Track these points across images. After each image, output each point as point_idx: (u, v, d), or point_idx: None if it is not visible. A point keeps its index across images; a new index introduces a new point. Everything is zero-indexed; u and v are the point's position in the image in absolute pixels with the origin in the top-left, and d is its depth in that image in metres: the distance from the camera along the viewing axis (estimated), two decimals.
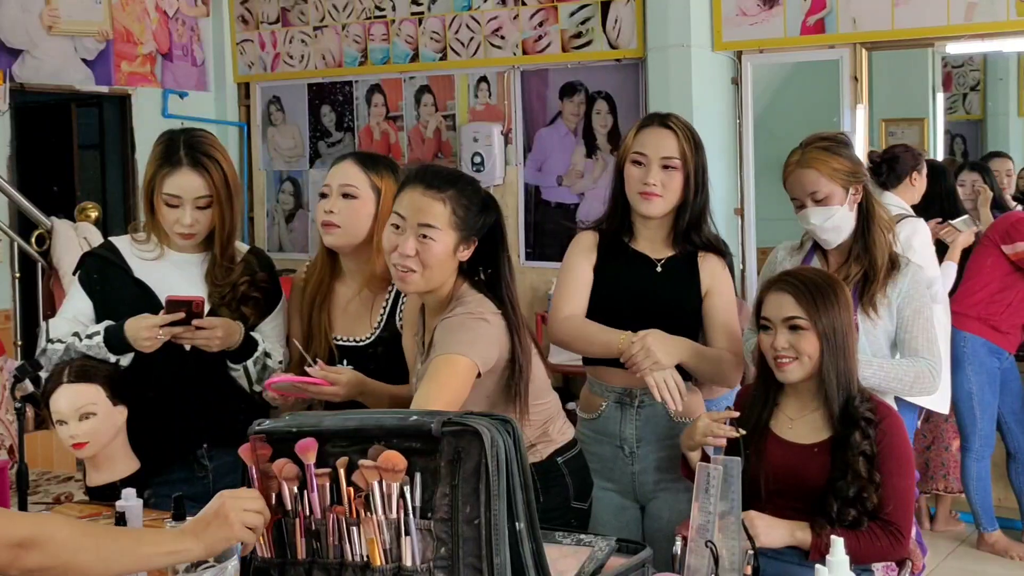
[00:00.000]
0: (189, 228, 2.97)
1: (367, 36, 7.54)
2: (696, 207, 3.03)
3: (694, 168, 3.00)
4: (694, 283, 3.04)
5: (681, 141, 3.00)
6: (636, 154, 3.02)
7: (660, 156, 2.99)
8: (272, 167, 8.06)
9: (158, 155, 2.99)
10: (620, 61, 6.68)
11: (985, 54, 7.35)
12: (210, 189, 2.96)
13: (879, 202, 3.27)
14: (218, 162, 2.98)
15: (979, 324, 5.07)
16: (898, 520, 2.67)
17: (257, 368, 3.02)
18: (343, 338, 3.05)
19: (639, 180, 3.00)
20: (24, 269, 6.31)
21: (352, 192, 2.95)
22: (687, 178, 3.00)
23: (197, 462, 3.05)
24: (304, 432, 1.97)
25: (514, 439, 1.88)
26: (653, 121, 3.06)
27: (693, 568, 2.30)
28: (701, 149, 3.04)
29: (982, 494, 5.21)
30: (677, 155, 2.99)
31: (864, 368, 2.96)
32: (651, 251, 3.08)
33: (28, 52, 6.88)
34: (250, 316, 3.04)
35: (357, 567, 1.91)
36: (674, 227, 3.05)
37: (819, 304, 2.73)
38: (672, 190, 3.00)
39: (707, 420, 2.72)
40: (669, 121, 3.04)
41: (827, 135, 3.22)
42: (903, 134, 7.31)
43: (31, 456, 3.91)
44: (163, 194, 2.96)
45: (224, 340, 2.93)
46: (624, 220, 3.10)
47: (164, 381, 3.00)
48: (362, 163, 3.01)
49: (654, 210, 3.01)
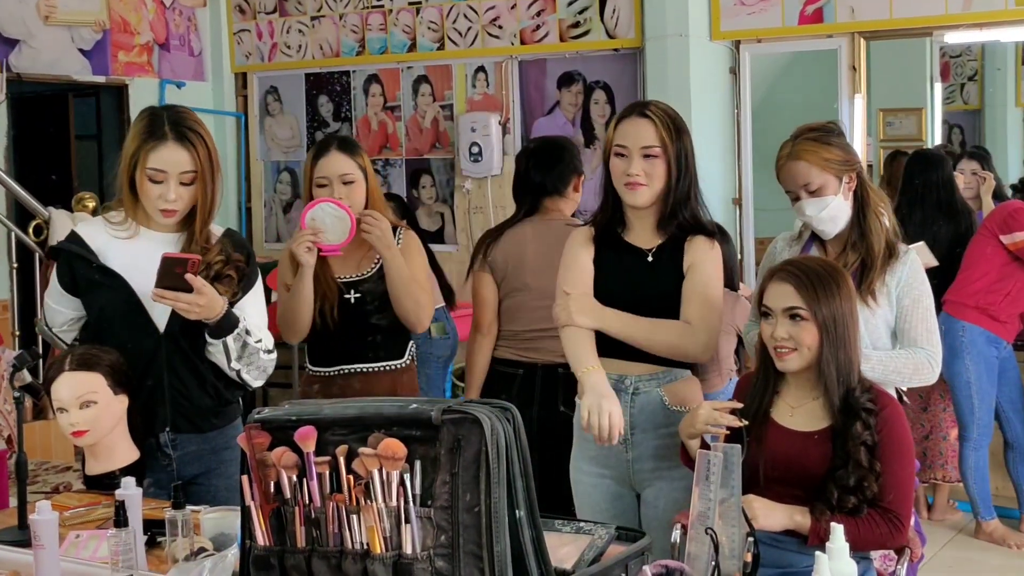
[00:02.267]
0: (172, 204, 2.94)
1: (364, 26, 7.53)
2: (680, 191, 3.03)
3: (675, 154, 3.00)
4: (680, 268, 3.05)
5: (659, 129, 2.99)
6: (617, 146, 3.04)
7: (640, 146, 3.00)
8: (269, 157, 8.05)
9: (141, 130, 2.97)
10: (618, 51, 6.67)
11: (983, 44, 7.36)
12: (195, 164, 2.94)
13: (874, 188, 3.26)
14: (203, 138, 2.97)
15: (977, 313, 5.07)
16: (898, 508, 2.67)
17: (237, 345, 2.99)
18: (346, 276, 3.58)
19: (623, 172, 3.02)
20: (22, 259, 6.30)
21: (350, 178, 3.53)
22: (669, 164, 3.00)
23: (160, 450, 3.03)
24: (303, 420, 1.96)
25: (514, 426, 1.88)
26: (632, 111, 3.06)
27: (693, 555, 2.30)
28: (683, 133, 3.03)
29: (980, 483, 5.21)
30: (657, 143, 2.99)
31: (863, 362, 2.96)
32: (643, 241, 3.09)
33: (25, 42, 6.87)
34: (224, 294, 2.99)
35: (357, 555, 1.91)
36: (661, 213, 3.06)
37: (820, 294, 2.72)
38: (656, 178, 3.00)
39: (708, 408, 2.72)
40: (647, 110, 3.04)
41: (817, 125, 3.21)
42: (901, 124, 7.31)
43: (29, 446, 3.92)
44: (147, 169, 2.93)
45: (205, 309, 2.89)
46: (616, 212, 3.11)
47: (143, 364, 2.99)
48: (347, 150, 3.56)
49: (640, 200, 3.02)
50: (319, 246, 3.42)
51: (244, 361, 3.02)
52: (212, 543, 2.41)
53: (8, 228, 6.26)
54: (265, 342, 3.07)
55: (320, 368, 3.64)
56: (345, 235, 3.43)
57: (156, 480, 2.96)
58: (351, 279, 3.59)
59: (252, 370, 3.05)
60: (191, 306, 2.87)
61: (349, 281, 3.58)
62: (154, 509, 2.60)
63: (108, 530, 2.33)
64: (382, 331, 3.61)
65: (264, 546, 2.00)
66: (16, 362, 2.92)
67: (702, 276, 3.03)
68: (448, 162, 7.25)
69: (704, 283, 3.03)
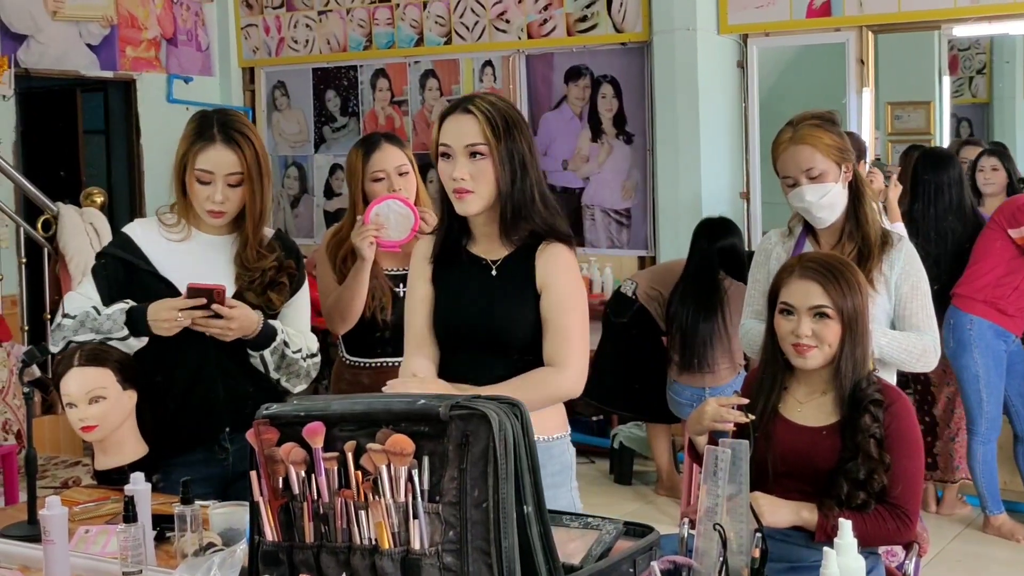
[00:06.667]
0: (220, 205, 2.97)
1: (372, 20, 7.53)
2: (518, 196, 2.61)
3: (506, 153, 2.58)
4: (529, 285, 2.64)
5: (482, 125, 2.58)
6: (442, 146, 2.64)
7: (463, 145, 2.59)
8: (277, 152, 8.06)
9: (191, 132, 3.00)
10: (625, 45, 6.67)
11: (992, 37, 7.33)
12: (242, 166, 2.96)
13: (864, 179, 3.29)
14: (251, 140, 2.99)
15: (985, 307, 5.07)
16: (905, 504, 2.67)
17: (275, 358, 3.03)
18: (395, 269, 3.60)
19: (448, 176, 2.62)
20: (30, 254, 6.31)
21: (404, 169, 3.62)
22: (497, 165, 2.59)
23: (219, 444, 3.06)
24: (312, 416, 1.97)
25: (522, 422, 1.88)
26: (456, 107, 2.65)
27: (701, 551, 2.30)
28: (514, 129, 2.60)
29: (988, 477, 5.21)
30: (482, 140, 2.58)
31: (880, 337, 2.98)
32: (488, 252, 2.69)
33: (33, 37, 6.88)
34: (276, 302, 3.05)
35: (365, 551, 1.92)
36: (501, 222, 2.64)
37: (845, 292, 2.72)
38: (484, 182, 2.59)
39: (715, 405, 2.72)
40: (471, 104, 2.63)
41: (816, 113, 3.22)
42: (909, 117, 7.29)
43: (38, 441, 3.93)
44: (195, 170, 2.96)
45: (240, 331, 2.94)
46: (457, 220, 2.70)
47: (192, 362, 3.01)
48: (396, 143, 3.66)
49: (469, 208, 2.61)
50: (379, 241, 3.46)
51: (283, 371, 3.06)
52: (221, 538, 2.41)
53: (17, 223, 6.26)
54: (306, 348, 3.11)
55: (360, 359, 3.66)
56: (407, 232, 3.47)
57: (210, 475, 2.98)
58: (399, 272, 3.58)
59: (292, 378, 3.09)
60: (224, 331, 2.92)
61: (398, 275, 3.58)
62: (163, 504, 2.60)
63: (117, 525, 2.34)
64: None
65: (273, 541, 2.01)
66: (25, 357, 2.93)
67: (557, 297, 2.62)
68: None
69: (560, 308, 2.62)
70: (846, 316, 2.72)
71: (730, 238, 5.62)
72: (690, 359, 5.51)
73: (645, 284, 5.82)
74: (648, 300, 5.76)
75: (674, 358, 5.61)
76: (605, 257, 6.77)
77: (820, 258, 2.87)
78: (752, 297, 3.34)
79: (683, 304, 5.54)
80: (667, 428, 5.95)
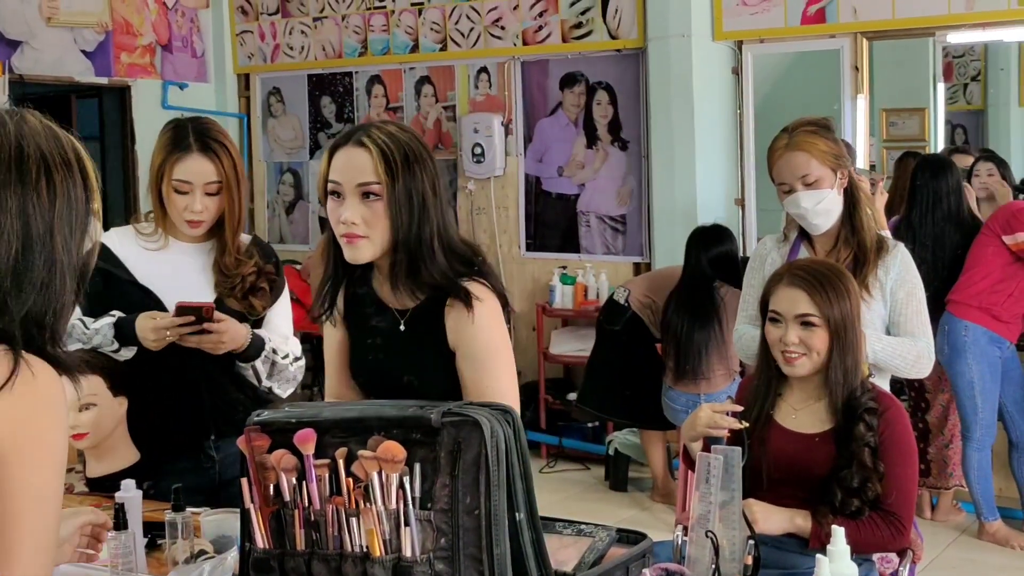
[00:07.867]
0: (199, 215, 2.96)
1: (367, 27, 7.53)
2: (413, 242, 2.29)
3: (402, 193, 2.27)
4: (440, 345, 2.35)
5: (376, 160, 2.26)
6: (331, 183, 2.32)
7: (355, 184, 2.28)
8: (272, 158, 8.06)
9: (166, 142, 2.99)
10: (620, 51, 6.67)
11: (986, 44, 7.34)
12: (220, 175, 2.96)
13: (858, 185, 3.29)
14: (227, 148, 2.99)
15: (980, 313, 5.07)
16: (899, 510, 2.67)
17: (266, 367, 3.03)
18: None
19: (336, 218, 2.31)
20: None
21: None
22: (391, 207, 2.27)
23: (204, 453, 3.05)
24: (303, 423, 1.96)
25: (514, 429, 1.88)
26: (348, 138, 2.33)
27: (693, 558, 2.30)
28: (415, 164, 2.28)
29: (983, 484, 5.21)
30: (374, 179, 2.27)
31: (875, 342, 2.97)
32: (394, 299, 2.40)
33: (27, 43, 6.87)
34: (258, 307, 3.05)
35: (357, 558, 1.91)
36: (396, 272, 2.33)
37: (832, 300, 2.72)
38: (379, 226, 2.28)
39: (709, 411, 2.72)
40: (365, 136, 2.30)
41: (812, 119, 3.23)
42: (904, 124, 7.30)
43: None
44: (173, 180, 2.95)
45: (230, 344, 2.93)
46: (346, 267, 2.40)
47: (175, 370, 3.00)
48: None
49: (360, 255, 2.31)
50: None
51: (275, 379, 3.06)
52: (212, 545, 2.41)
53: None
54: (292, 352, 3.10)
55: None
56: None
57: (198, 484, 2.97)
58: None
59: (282, 383, 3.09)
60: (216, 346, 2.91)
61: None
62: (154, 511, 2.59)
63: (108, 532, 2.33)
64: None
65: (264, 549, 2.00)
66: None
67: (475, 364, 2.33)
68: (451, 163, 7.25)
69: (479, 375, 2.33)
70: (833, 324, 2.71)
71: (723, 246, 5.63)
72: (684, 367, 5.51)
73: (638, 292, 5.83)
74: (641, 308, 5.77)
75: (669, 365, 5.62)
76: (600, 263, 6.77)
77: (808, 266, 2.86)
78: (746, 302, 3.33)
79: (678, 313, 5.55)
80: (662, 435, 5.95)
